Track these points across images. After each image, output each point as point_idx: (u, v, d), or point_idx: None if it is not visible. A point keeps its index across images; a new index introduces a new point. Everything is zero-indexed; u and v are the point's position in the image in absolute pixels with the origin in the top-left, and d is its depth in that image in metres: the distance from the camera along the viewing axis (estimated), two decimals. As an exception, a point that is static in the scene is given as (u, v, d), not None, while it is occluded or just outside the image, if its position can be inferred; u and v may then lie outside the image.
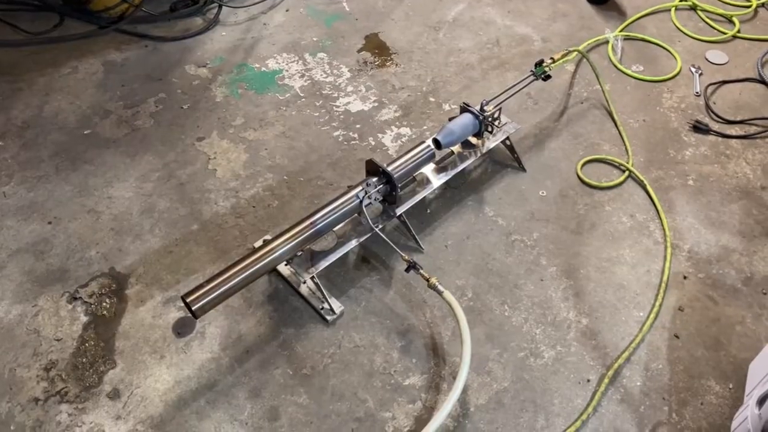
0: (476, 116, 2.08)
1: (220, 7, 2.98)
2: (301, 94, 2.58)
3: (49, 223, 2.10)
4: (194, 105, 2.53)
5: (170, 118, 2.47)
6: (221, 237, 2.06)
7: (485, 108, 2.10)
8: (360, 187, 1.89)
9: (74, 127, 2.43)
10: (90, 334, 1.82)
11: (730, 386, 1.71)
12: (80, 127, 2.43)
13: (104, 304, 1.89)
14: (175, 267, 1.98)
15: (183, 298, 1.61)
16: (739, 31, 2.88)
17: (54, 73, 2.66)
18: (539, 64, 2.27)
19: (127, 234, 2.07)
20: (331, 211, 1.84)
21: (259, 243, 2.01)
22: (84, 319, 1.86)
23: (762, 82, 2.63)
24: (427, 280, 1.76)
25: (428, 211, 2.14)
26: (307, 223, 1.80)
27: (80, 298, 1.91)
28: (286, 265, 1.85)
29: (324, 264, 1.84)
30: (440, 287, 1.74)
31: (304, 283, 1.88)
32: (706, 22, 2.96)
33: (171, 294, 1.91)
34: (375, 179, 1.92)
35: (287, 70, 2.69)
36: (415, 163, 1.98)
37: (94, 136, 2.40)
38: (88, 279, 1.95)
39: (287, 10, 3.03)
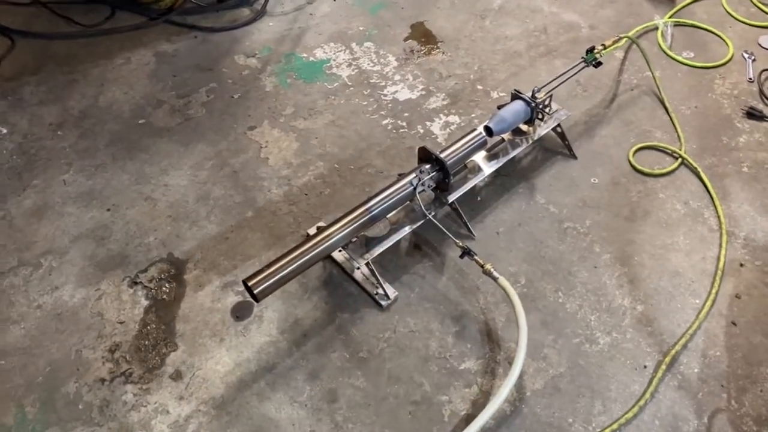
0: (528, 103, 2.08)
1: (267, -3, 3.03)
2: (349, 83, 2.60)
3: (108, 210, 2.17)
4: (244, 94, 2.57)
5: (221, 108, 2.51)
6: (275, 224, 2.10)
7: (536, 95, 2.09)
8: (413, 174, 1.90)
9: (129, 117, 2.49)
10: (151, 318, 1.87)
11: (791, 374, 1.69)
12: (134, 117, 2.49)
13: (164, 288, 1.95)
14: (231, 253, 2.02)
15: (245, 282, 1.64)
16: (793, 16, 2.82)
17: (108, 64, 2.73)
18: (590, 50, 2.26)
19: (183, 221, 2.12)
20: (385, 197, 1.86)
21: (312, 230, 2.04)
22: (145, 303, 1.91)
23: (818, 67, 2.57)
24: (482, 266, 1.77)
25: (479, 198, 2.15)
26: (363, 209, 1.82)
27: (141, 282, 1.96)
28: (340, 251, 1.88)
29: (378, 250, 1.87)
30: (495, 273, 1.75)
31: (358, 269, 1.91)
32: (758, 7, 2.89)
33: (228, 279, 1.95)
34: (428, 166, 1.93)
35: (335, 60, 2.72)
36: (467, 150, 1.99)
37: (148, 126, 2.46)
38: (147, 264, 2.01)
39: (334, 0, 3.05)
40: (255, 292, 1.63)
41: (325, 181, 2.22)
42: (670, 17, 2.83)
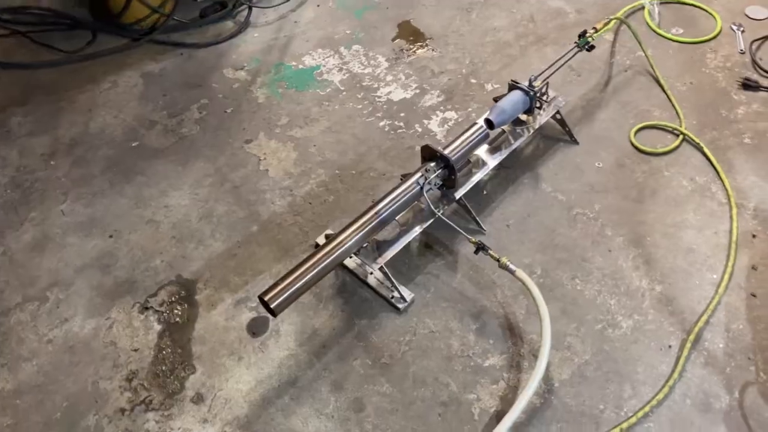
0: (526, 93, 2.06)
1: (249, 9, 2.99)
2: (342, 88, 2.58)
3: (110, 236, 2.13)
4: (237, 108, 2.54)
5: (215, 123, 2.48)
6: (282, 236, 2.07)
7: (534, 84, 2.08)
8: (419, 174, 1.88)
9: (122, 141, 2.46)
10: (166, 342, 1.84)
11: (816, 341, 1.69)
12: (128, 140, 2.45)
13: (176, 311, 1.91)
14: (241, 269, 1.99)
15: (260, 298, 1.62)
16: (776, -16, 2.83)
17: (94, 89, 2.69)
18: (582, 35, 2.25)
19: (188, 241, 2.09)
20: (393, 199, 1.83)
21: (321, 238, 2.01)
22: (158, 327, 1.88)
23: (807, 33, 2.58)
24: (498, 261, 1.75)
25: (485, 192, 2.13)
26: (372, 213, 1.80)
27: (151, 307, 1.93)
28: (351, 257, 1.86)
29: (391, 253, 1.84)
30: (512, 266, 1.73)
31: (372, 273, 1.88)
32: (741, -22, 2.90)
33: (241, 296, 1.92)
34: (433, 164, 1.91)
35: (325, 66, 2.69)
36: (470, 144, 1.97)
37: (143, 148, 2.42)
38: (156, 288, 1.97)
39: (317, 6, 3.03)
40: (272, 306, 1.60)
41: (328, 188, 2.20)
42: (655, -5, 2.83)
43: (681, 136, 2.21)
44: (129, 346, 1.84)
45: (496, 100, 2.11)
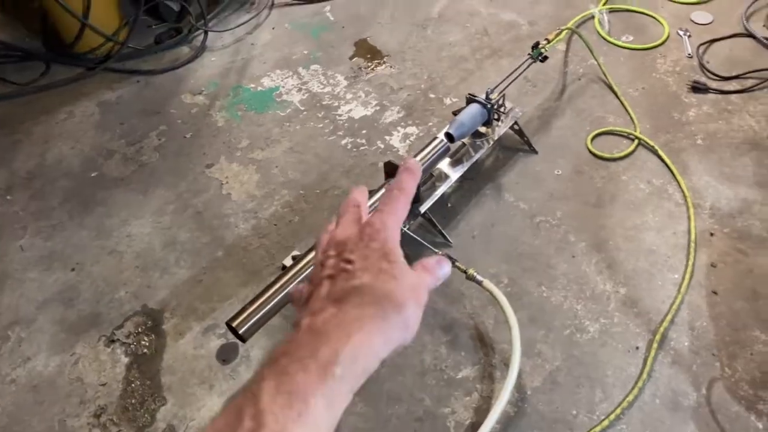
0: (483, 105, 2.10)
1: (205, 33, 2.98)
2: (302, 108, 2.58)
3: (72, 269, 2.09)
4: (197, 133, 2.52)
5: (175, 149, 2.46)
6: (248, 259, 2.05)
7: (490, 96, 2.11)
8: (382, 190, 1.89)
9: (80, 171, 2.42)
10: (134, 374, 1.80)
11: (776, 334, 1.73)
12: (86, 171, 2.42)
13: (143, 342, 1.88)
14: (207, 295, 1.97)
15: (228, 324, 1.60)
16: (718, -10, 2.93)
17: (50, 120, 2.64)
18: (535, 46, 2.29)
19: (153, 270, 2.06)
20: (358, 217, 1.83)
21: (287, 260, 2.00)
22: (125, 360, 1.84)
23: (749, 35, 2.67)
24: (465, 272, 1.76)
25: (449, 205, 2.15)
26: (337, 232, 1.79)
27: (118, 339, 1.89)
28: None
29: (358, 271, 1.84)
30: (479, 277, 1.75)
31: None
32: (685, -15, 3.00)
33: (209, 323, 1.89)
34: (396, 180, 1.92)
35: (283, 86, 2.70)
36: (431, 159, 1.99)
37: (102, 178, 2.38)
38: (122, 320, 1.94)
39: (273, 28, 3.03)
40: (240, 332, 1.58)
41: (293, 208, 2.19)
42: (604, 4, 2.90)
43: (636, 141, 2.26)
44: (96, 381, 1.79)
45: (455, 113, 2.13)
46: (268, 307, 1.64)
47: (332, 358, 0.56)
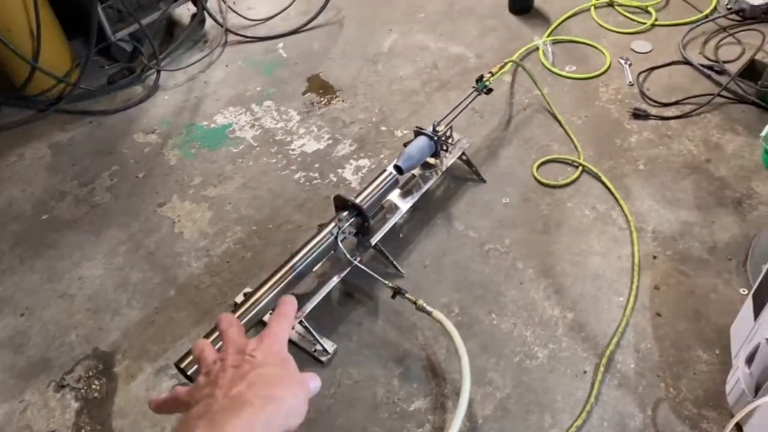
0: (430, 137, 2.14)
1: (158, 72, 3.00)
2: (255, 144, 2.60)
3: (22, 315, 2.06)
4: (149, 172, 2.52)
5: (128, 189, 2.46)
6: (200, 298, 2.05)
7: (437, 128, 2.16)
8: (333, 224, 1.91)
9: (31, 215, 2.40)
10: (84, 420, 1.78)
11: (717, 352, 1.78)
12: (37, 214, 2.40)
13: (93, 386, 1.86)
14: (159, 336, 1.95)
15: (177, 365, 1.59)
16: (656, 20, 3.05)
17: (0, 164, 2.62)
18: (479, 79, 2.36)
19: (104, 312, 2.04)
20: (307, 252, 1.85)
21: (239, 297, 2.01)
22: (75, 405, 1.81)
23: (687, 63, 2.78)
24: (415, 303, 1.79)
25: (400, 236, 2.18)
26: (287, 268, 1.81)
27: (68, 384, 1.87)
28: (270, 314, 1.86)
29: (309, 306, 1.85)
30: (428, 308, 1.77)
31: (293, 328, 1.88)
32: (625, 16, 3.11)
33: (161, 363, 1.88)
34: (345, 213, 1.95)
35: (237, 123, 2.72)
36: (381, 191, 2.02)
37: (54, 220, 2.37)
38: (72, 364, 1.91)
39: (226, 65, 3.07)
40: (189, 373, 1.58)
41: (245, 245, 2.20)
42: (548, 36, 3.00)
43: (580, 168, 2.33)
44: (45, 428, 1.76)
45: (405, 145, 2.17)
46: (217, 346, 1.64)
47: (254, 420, 0.65)
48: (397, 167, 2.09)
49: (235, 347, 0.77)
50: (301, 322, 1.82)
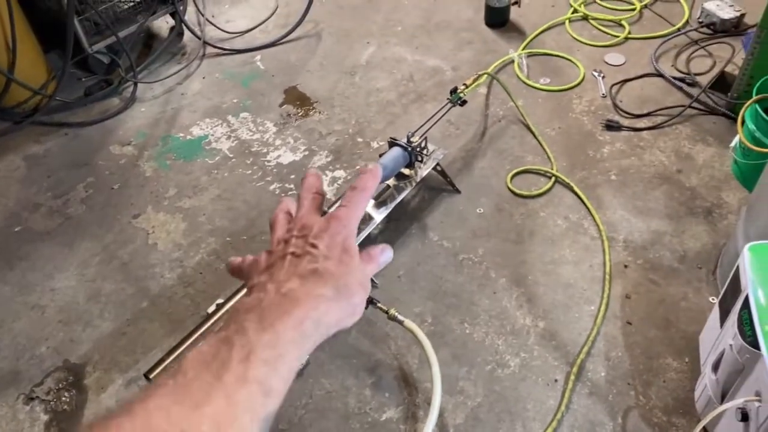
0: (405, 148, 2.15)
1: (135, 84, 2.99)
2: (231, 155, 2.61)
3: (-8, 327, 2.04)
4: (124, 183, 2.51)
5: (102, 201, 2.44)
6: (173, 309, 2.04)
7: (411, 139, 2.17)
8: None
9: (3, 226, 2.38)
10: (53, 432, 1.76)
11: (686, 360, 1.80)
12: (10, 225, 2.38)
13: (63, 398, 1.84)
14: (131, 347, 1.94)
15: (146, 375, 1.58)
16: (629, 33, 3.10)
17: (-27, 176, 2.61)
18: (454, 91, 2.38)
19: (76, 323, 2.03)
20: (280, 262, 1.85)
21: (212, 308, 1.99)
22: (44, 417, 1.80)
23: (659, 75, 2.82)
24: (386, 313, 1.79)
25: (375, 246, 2.18)
26: (259, 278, 1.80)
27: (37, 397, 1.85)
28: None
29: (282, 316, 1.85)
30: (400, 317, 1.77)
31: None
32: (599, 29, 3.16)
33: (132, 375, 1.87)
34: (318, 224, 1.94)
35: (213, 135, 2.72)
36: (353, 202, 2.02)
37: (27, 232, 2.35)
38: (42, 376, 1.89)
39: (204, 78, 3.07)
40: (158, 383, 1.57)
41: (219, 256, 2.19)
42: (523, 49, 3.04)
43: (553, 178, 2.35)
44: (13, 442, 1.75)
45: (381, 156, 2.18)
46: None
47: (304, 318, 0.61)
48: (370, 178, 2.09)
49: (301, 227, 0.71)
50: (273, 333, 1.81)
